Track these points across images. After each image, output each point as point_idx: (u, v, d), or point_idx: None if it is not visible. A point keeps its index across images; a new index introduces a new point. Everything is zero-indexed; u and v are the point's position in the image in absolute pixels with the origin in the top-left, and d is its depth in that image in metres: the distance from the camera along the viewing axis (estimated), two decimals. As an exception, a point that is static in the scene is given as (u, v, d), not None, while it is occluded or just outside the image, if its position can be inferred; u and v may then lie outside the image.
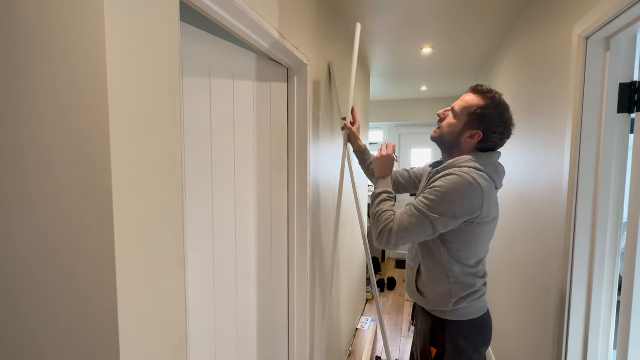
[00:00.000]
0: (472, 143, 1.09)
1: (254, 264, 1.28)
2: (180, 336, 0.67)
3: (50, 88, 0.53)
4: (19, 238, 0.57)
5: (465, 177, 0.99)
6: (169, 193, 0.63)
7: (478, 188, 0.99)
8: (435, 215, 0.99)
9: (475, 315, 1.13)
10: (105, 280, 0.53)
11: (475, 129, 1.07)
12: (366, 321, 2.85)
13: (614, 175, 1.11)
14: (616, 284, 1.15)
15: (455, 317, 1.12)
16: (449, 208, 0.99)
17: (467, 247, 1.08)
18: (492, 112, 1.05)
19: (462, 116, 1.08)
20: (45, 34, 0.52)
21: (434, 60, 2.75)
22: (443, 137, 1.14)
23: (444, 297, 1.12)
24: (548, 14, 1.49)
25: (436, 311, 1.15)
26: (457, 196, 0.99)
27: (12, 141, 0.56)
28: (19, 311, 0.58)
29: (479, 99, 1.07)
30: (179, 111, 0.65)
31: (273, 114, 1.36)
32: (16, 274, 0.58)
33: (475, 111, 1.06)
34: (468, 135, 1.08)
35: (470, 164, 1.04)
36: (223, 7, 0.89)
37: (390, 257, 5.00)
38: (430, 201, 1.00)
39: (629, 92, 1.05)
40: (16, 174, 0.56)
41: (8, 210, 0.57)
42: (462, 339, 1.11)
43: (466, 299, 1.11)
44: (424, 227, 1.01)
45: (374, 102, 4.47)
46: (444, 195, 0.99)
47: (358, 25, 1.60)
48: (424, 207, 1.01)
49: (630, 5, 0.90)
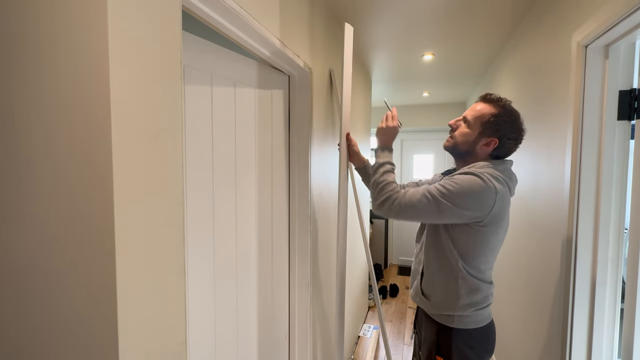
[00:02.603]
0: (488, 150, 1.11)
1: (254, 271, 1.28)
2: (180, 342, 0.68)
3: (55, 94, 0.54)
4: (22, 235, 0.58)
5: (483, 177, 1.02)
6: (169, 200, 0.64)
7: (493, 189, 1.01)
8: (447, 202, 1.01)
9: (481, 324, 1.13)
10: (105, 287, 0.53)
11: (491, 136, 1.09)
12: (368, 329, 2.83)
13: (615, 181, 1.11)
14: (619, 291, 1.14)
15: (462, 325, 1.11)
16: (461, 200, 1.01)
17: (478, 250, 1.08)
18: (505, 120, 1.08)
19: (476, 125, 1.11)
20: (50, 42, 0.54)
21: (435, 67, 2.76)
22: (457, 146, 1.16)
23: (451, 300, 1.11)
24: (547, 21, 1.50)
25: (442, 317, 1.14)
26: (472, 191, 1.01)
27: (17, 146, 0.57)
28: (27, 314, 0.59)
29: (490, 108, 1.10)
30: (180, 119, 0.66)
31: (274, 120, 1.37)
32: (21, 279, 0.58)
33: (489, 119, 1.09)
34: (484, 143, 1.11)
35: (486, 169, 1.07)
36: (225, 17, 0.90)
37: (392, 263, 4.97)
38: (445, 189, 1.02)
39: (628, 100, 1.06)
40: (19, 180, 0.57)
41: (9, 216, 0.58)
42: (468, 348, 1.11)
43: (473, 305, 1.10)
44: (430, 210, 1.02)
45: (375, 108, 4.48)
46: (460, 187, 1.01)
47: (347, 26, 1.44)
48: (437, 193, 1.02)
49: (629, 13, 0.91)
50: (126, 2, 0.54)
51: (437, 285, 1.15)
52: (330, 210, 1.89)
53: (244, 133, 1.20)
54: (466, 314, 1.11)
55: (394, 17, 1.85)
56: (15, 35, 0.56)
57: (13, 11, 0.56)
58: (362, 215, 1.68)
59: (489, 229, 1.06)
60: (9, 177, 0.58)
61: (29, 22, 0.55)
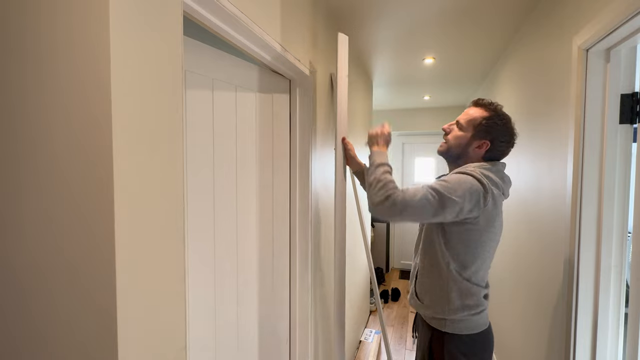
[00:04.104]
0: (480, 152, 1.14)
1: (255, 275, 1.28)
2: (180, 348, 0.67)
3: (56, 98, 0.54)
4: (25, 241, 0.58)
5: (476, 175, 1.04)
6: (170, 205, 0.64)
7: (486, 186, 1.04)
8: (450, 196, 1.00)
9: (476, 330, 1.11)
10: (104, 292, 0.53)
11: (483, 138, 1.12)
12: (370, 333, 2.81)
13: (617, 185, 1.10)
14: (623, 296, 1.13)
15: (455, 330, 1.10)
16: (461, 193, 1.01)
17: (471, 251, 1.08)
18: (496, 122, 1.12)
19: (468, 128, 1.14)
20: (51, 49, 0.54)
21: (436, 71, 2.77)
22: (451, 149, 1.18)
23: (443, 302, 1.11)
24: (548, 25, 1.50)
25: (435, 321, 1.14)
26: (467, 184, 1.02)
27: (18, 149, 0.57)
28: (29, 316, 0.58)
29: (482, 111, 1.13)
30: (181, 124, 0.66)
31: (275, 124, 1.37)
32: (23, 282, 0.58)
33: (480, 122, 1.12)
34: (476, 145, 1.13)
35: (478, 169, 1.09)
36: (226, 22, 0.91)
37: (394, 267, 4.95)
38: (445, 182, 1.03)
39: (630, 103, 1.05)
40: (20, 184, 0.57)
41: (8, 217, 0.58)
42: (462, 355, 1.09)
43: (465, 308, 1.09)
44: (433, 206, 1.00)
45: (376, 112, 4.49)
46: (457, 184, 1.02)
47: (341, 36, 1.43)
48: (439, 187, 1.02)
49: (630, 17, 0.91)
50: (127, 7, 0.54)
51: (428, 288, 1.16)
52: (332, 213, 1.88)
53: (245, 137, 1.20)
54: (458, 317, 1.10)
55: (395, 21, 1.86)
56: (16, 47, 0.56)
57: (13, 25, 0.56)
58: (363, 219, 1.67)
59: (482, 228, 1.06)
60: (9, 179, 0.58)
61: (29, 24, 0.55)
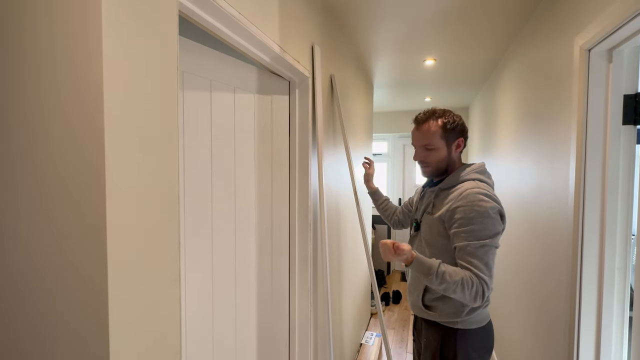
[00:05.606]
0: (460, 150, 1.22)
1: (254, 277, 1.26)
2: (175, 352, 0.66)
3: (52, 99, 0.53)
4: (20, 243, 0.57)
5: (480, 192, 1.07)
6: (164, 206, 0.63)
7: (495, 199, 1.09)
8: (493, 236, 1.05)
9: (482, 324, 1.18)
10: (96, 296, 0.52)
11: (456, 138, 1.19)
12: (371, 336, 2.79)
13: (621, 186, 1.08)
14: (627, 299, 1.11)
15: (466, 326, 1.15)
16: (492, 225, 1.05)
17: None
18: (453, 119, 1.18)
19: (439, 142, 1.17)
20: (50, 49, 0.53)
21: (437, 72, 2.76)
22: (438, 168, 1.21)
23: (457, 309, 1.14)
24: (550, 25, 1.49)
25: (447, 322, 1.18)
26: (488, 215, 1.06)
27: (14, 149, 0.56)
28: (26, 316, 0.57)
29: (434, 122, 1.18)
30: (176, 125, 0.65)
31: (274, 126, 1.36)
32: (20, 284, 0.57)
33: (445, 128, 1.16)
34: (455, 147, 1.20)
35: (473, 176, 1.14)
36: (223, 22, 0.90)
37: (395, 269, 4.93)
38: (477, 233, 1.05)
39: (633, 104, 1.04)
40: (16, 183, 0.56)
41: (7, 218, 0.57)
42: (471, 349, 1.15)
43: (477, 308, 1.14)
44: (494, 254, 1.06)
45: (377, 113, 4.48)
46: (481, 224, 1.04)
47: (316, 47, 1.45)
48: (481, 244, 1.04)
49: (632, 16, 0.89)
50: (120, 7, 0.53)
51: (441, 300, 1.17)
52: (332, 216, 1.87)
53: (243, 139, 1.19)
54: (470, 315, 1.15)
55: (395, 23, 1.85)
56: (14, 47, 0.56)
57: (11, 27, 0.56)
58: (363, 221, 1.66)
59: None
60: (7, 179, 0.57)
61: (27, 27, 0.55)
